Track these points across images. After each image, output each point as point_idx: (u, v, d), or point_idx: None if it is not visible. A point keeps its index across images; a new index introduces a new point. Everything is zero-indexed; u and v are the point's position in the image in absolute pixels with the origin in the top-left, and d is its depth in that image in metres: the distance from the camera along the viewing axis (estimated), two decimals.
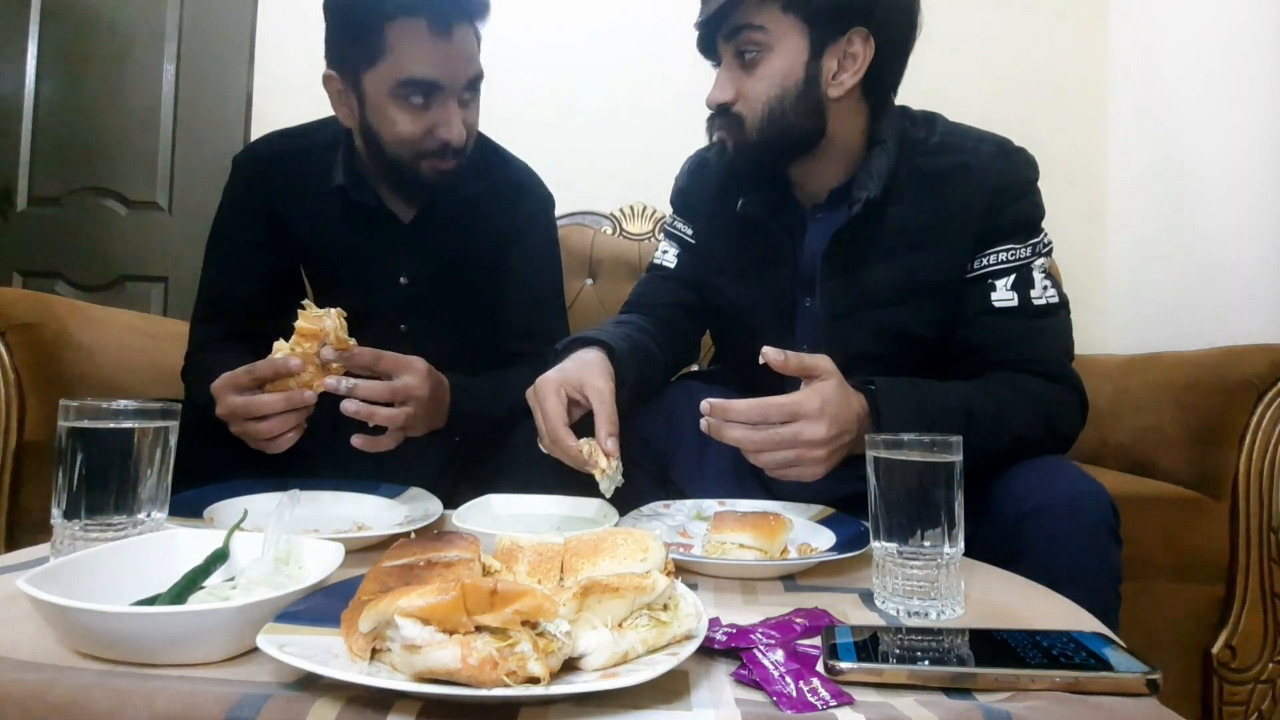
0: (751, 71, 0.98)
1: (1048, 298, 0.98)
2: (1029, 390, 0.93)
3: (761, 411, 0.80)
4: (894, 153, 1.00)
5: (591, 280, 1.87)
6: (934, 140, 1.03)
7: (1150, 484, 1.27)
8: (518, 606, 0.44)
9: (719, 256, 1.14)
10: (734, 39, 0.97)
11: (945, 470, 0.65)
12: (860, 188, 0.99)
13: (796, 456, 0.81)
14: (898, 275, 1.00)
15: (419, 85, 1.05)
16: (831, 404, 0.82)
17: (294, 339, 0.89)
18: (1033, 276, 0.98)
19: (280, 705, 0.43)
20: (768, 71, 0.97)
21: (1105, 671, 0.49)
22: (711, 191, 1.13)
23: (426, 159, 1.08)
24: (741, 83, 0.99)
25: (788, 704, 0.46)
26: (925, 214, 1.00)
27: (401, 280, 1.20)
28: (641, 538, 0.60)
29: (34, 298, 1.33)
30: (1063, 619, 0.64)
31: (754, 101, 0.98)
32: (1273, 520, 1.20)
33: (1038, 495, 0.84)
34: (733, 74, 0.99)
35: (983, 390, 0.92)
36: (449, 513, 0.88)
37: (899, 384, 0.89)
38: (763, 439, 0.80)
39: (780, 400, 0.81)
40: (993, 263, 0.99)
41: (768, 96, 0.97)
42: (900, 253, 1.00)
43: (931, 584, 0.64)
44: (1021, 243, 0.99)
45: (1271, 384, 1.20)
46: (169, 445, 0.71)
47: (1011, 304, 0.98)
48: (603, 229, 1.95)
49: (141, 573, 0.59)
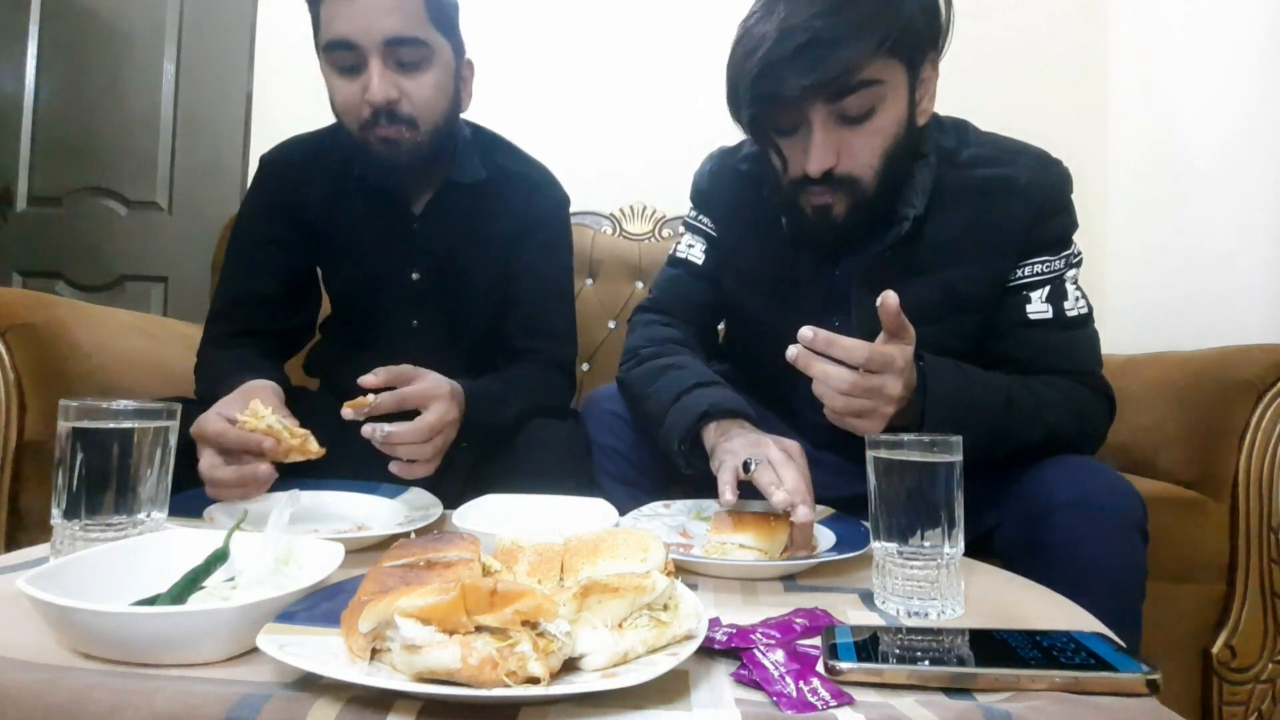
0: (861, 127, 0.90)
1: (1079, 309, 0.98)
2: (1063, 389, 0.94)
3: (865, 355, 0.77)
4: (934, 166, 0.98)
5: (591, 280, 1.87)
6: (969, 151, 1.00)
7: (1150, 484, 1.27)
8: (518, 606, 0.44)
9: (744, 265, 1.11)
10: (840, 100, 0.88)
11: (945, 470, 0.65)
12: (906, 205, 0.96)
13: (872, 407, 0.80)
14: (937, 292, 0.98)
15: (335, 46, 1.04)
16: (910, 367, 0.82)
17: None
18: (1065, 288, 0.98)
19: (280, 705, 0.43)
20: (881, 123, 0.90)
21: (1105, 671, 0.49)
22: (738, 200, 1.10)
23: (369, 129, 1.07)
24: (846, 142, 0.91)
25: (788, 704, 0.46)
26: (965, 229, 0.97)
27: (414, 276, 1.20)
28: (641, 538, 0.60)
29: (34, 298, 1.32)
30: (1063, 619, 0.64)
31: (867, 157, 0.91)
32: (1273, 520, 1.21)
33: (1071, 489, 0.84)
34: (832, 135, 0.90)
35: (1020, 383, 0.92)
36: (449, 513, 0.88)
37: (945, 364, 0.88)
38: (853, 381, 0.78)
39: (882, 348, 0.79)
40: (1028, 275, 0.98)
41: (884, 148, 0.91)
42: (939, 269, 0.98)
43: (931, 584, 0.65)
44: (1056, 255, 0.98)
45: (1271, 384, 1.20)
46: (169, 445, 0.71)
47: (1046, 316, 0.97)
48: (603, 229, 1.95)
49: (141, 573, 0.59)
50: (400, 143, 1.08)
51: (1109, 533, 0.82)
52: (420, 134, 1.09)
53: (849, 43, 0.84)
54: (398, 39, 1.04)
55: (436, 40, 1.08)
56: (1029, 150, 1.02)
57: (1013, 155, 1.00)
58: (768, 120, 0.93)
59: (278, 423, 0.85)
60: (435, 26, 1.08)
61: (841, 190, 0.93)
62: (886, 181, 0.94)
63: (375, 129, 1.06)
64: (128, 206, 2.21)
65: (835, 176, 0.92)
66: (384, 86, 1.04)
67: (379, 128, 1.06)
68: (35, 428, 1.22)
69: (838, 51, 0.84)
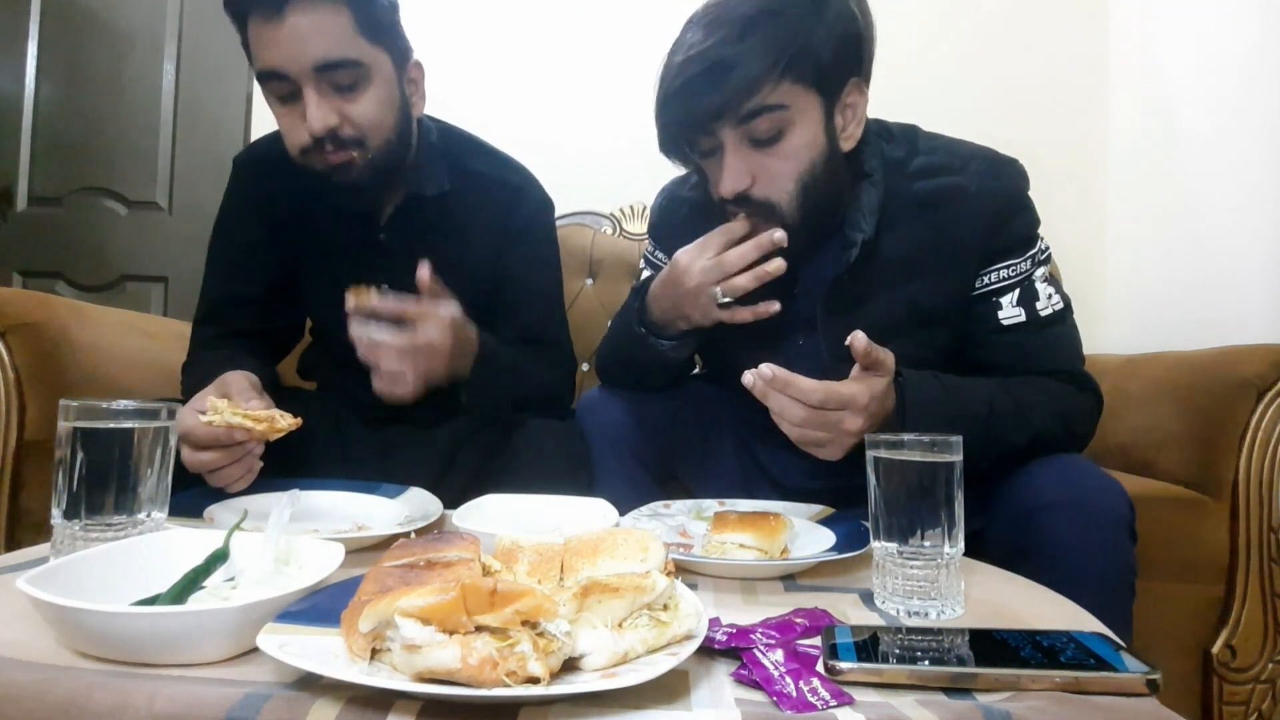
0: (770, 150, 0.92)
1: (1052, 306, 0.98)
2: (1047, 389, 0.94)
3: (820, 399, 0.81)
4: (881, 184, 0.98)
5: (591, 280, 1.87)
6: (918, 160, 1.00)
7: (1150, 484, 1.27)
8: (518, 606, 0.44)
9: None
10: (747, 123, 0.90)
11: (945, 470, 0.65)
12: (854, 228, 0.97)
13: (829, 438, 0.83)
14: (901, 308, 0.98)
15: (267, 76, 1.00)
16: (876, 400, 0.84)
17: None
18: (1035, 288, 0.98)
19: (280, 705, 0.43)
20: (792, 148, 0.92)
21: (1105, 671, 0.49)
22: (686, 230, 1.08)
23: (316, 155, 1.03)
24: (759, 165, 0.93)
25: (788, 704, 0.46)
26: (923, 242, 0.98)
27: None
28: (641, 538, 0.60)
29: (34, 298, 1.32)
30: (1063, 619, 0.64)
31: (782, 181, 0.93)
32: (1273, 520, 1.21)
33: (1057, 489, 0.85)
34: (743, 158, 0.92)
35: (1002, 387, 0.92)
36: (449, 513, 0.88)
37: (924, 378, 0.89)
38: (806, 416, 0.82)
39: (840, 390, 0.82)
40: (995, 280, 0.98)
41: (798, 172, 0.93)
42: (901, 284, 0.98)
43: (931, 584, 0.65)
44: (1021, 256, 0.98)
45: (1271, 384, 1.20)
46: (169, 445, 0.71)
47: (1019, 320, 0.97)
48: (603, 229, 1.95)
49: (141, 573, 0.59)
50: (350, 166, 1.04)
51: (1097, 533, 0.82)
52: (370, 151, 1.05)
53: (745, 66, 0.87)
54: (328, 64, 0.99)
55: (371, 54, 1.03)
56: (979, 154, 1.01)
57: (963, 161, 0.99)
58: (689, 144, 0.97)
59: (234, 415, 0.84)
60: (368, 39, 1.02)
61: (762, 212, 0.94)
62: (808, 207, 0.94)
63: (323, 154, 1.03)
64: (128, 206, 2.21)
65: (753, 199, 0.94)
66: (322, 115, 1.00)
67: (326, 154, 1.03)
68: (35, 428, 1.22)
69: (734, 75, 0.88)
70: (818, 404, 0.81)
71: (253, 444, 0.87)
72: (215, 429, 0.84)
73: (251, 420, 0.85)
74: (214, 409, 0.84)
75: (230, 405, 0.86)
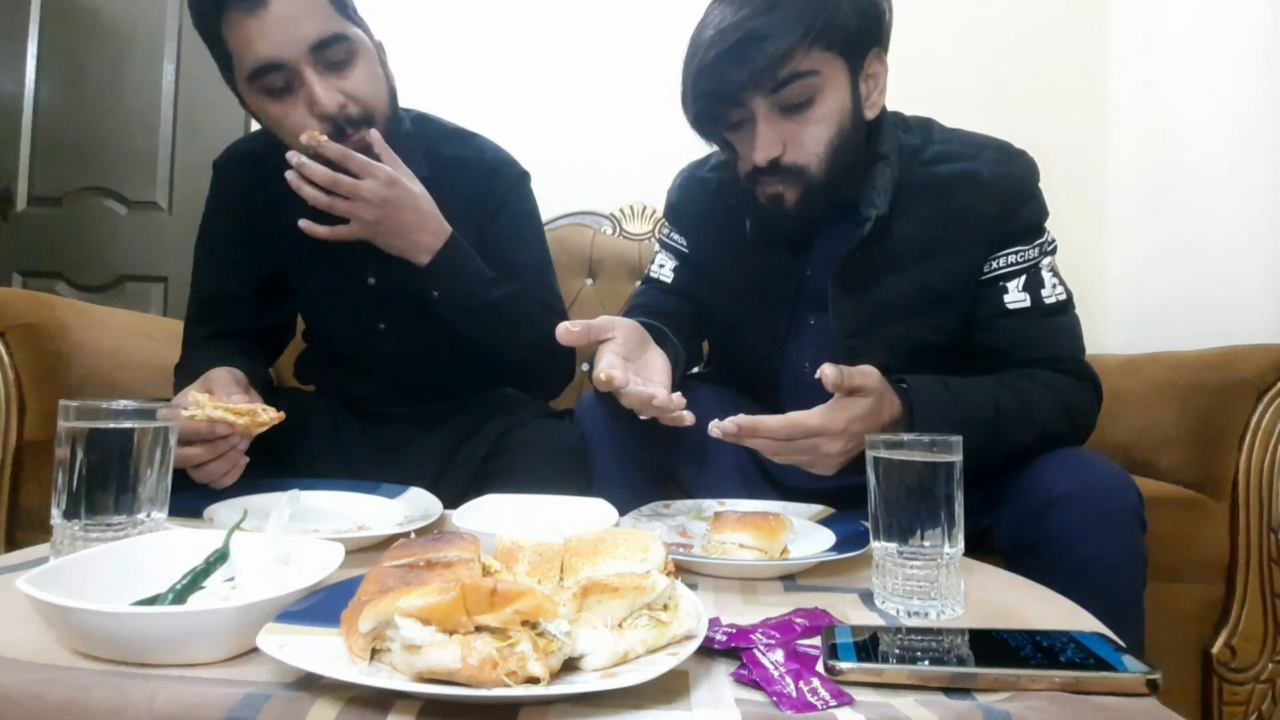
0: (801, 117, 0.95)
1: (1057, 295, 1.00)
2: (1049, 384, 0.95)
3: (787, 433, 0.83)
4: (896, 165, 1.00)
5: (591, 280, 1.87)
6: (933, 148, 1.03)
7: (1150, 484, 1.27)
8: (518, 606, 0.44)
9: (715, 273, 1.14)
10: (779, 92, 0.93)
11: (945, 470, 0.65)
12: (869, 205, 0.99)
13: (810, 461, 0.86)
14: (912, 288, 1.00)
15: (263, 70, 0.99)
16: (857, 420, 0.84)
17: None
18: (1042, 276, 1.00)
19: (280, 705, 0.43)
20: (822, 113, 0.95)
21: (1105, 671, 0.49)
22: (706, 209, 1.13)
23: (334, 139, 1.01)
24: (790, 132, 0.96)
25: (788, 704, 0.46)
26: (934, 224, 1.00)
27: (370, 281, 1.17)
28: (641, 538, 0.60)
29: (34, 298, 1.33)
30: (1062, 619, 0.64)
31: (812, 145, 0.96)
32: (1273, 520, 1.21)
33: (1067, 482, 0.85)
34: (775, 126, 0.95)
35: (1006, 385, 0.93)
36: (449, 513, 0.88)
37: (928, 383, 0.90)
38: (778, 448, 0.85)
39: (806, 422, 0.84)
40: (1003, 265, 1.00)
41: (828, 137, 0.96)
42: (912, 265, 1.00)
43: (931, 584, 0.65)
44: (1029, 244, 1.00)
45: (1271, 384, 1.20)
46: (169, 445, 0.71)
47: (1024, 305, 0.99)
48: (603, 229, 1.95)
49: (141, 573, 0.59)
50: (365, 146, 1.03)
51: (1108, 525, 0.83)
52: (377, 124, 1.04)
53: (777, 36, 0.90)
54: (322, 41, 0.99)
55: (352, 30, 1.04)
56: (992, 143, 1.04)
57: (976, 149, 1.03)
58: (718, 118, 0.99)
59: (215, 410, 0.84)
60: (344, 16, 1.03)
61: (790, 179, 0.97)
62: (834, 171, 0.97)
63: (343, 141, 1.01)
64: (128, 206, 2.21)
65: (783, 166, 0.96)
66: (329, 94, 1.00)
67: (344, 138, 1.01)
68: (35, 428, 1.22)
69: (767, 45, 0.90)
70: (785, 439, 0.84)
71: (236, 439, 0.87)
72: (198, 423, 0.84)
73: (233, 414, 0.85)
74: (196, 403, 0.84)
75: (212, 400, 0.86)
